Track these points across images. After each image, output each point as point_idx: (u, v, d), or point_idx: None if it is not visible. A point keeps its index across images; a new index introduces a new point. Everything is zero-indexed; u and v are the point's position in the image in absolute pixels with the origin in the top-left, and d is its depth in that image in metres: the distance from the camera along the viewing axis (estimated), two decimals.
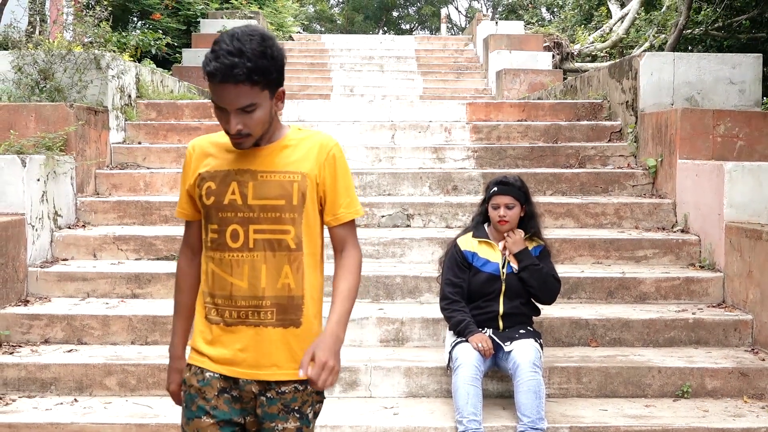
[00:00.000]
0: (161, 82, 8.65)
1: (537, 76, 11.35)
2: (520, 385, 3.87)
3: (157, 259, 5.61)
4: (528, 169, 6.73)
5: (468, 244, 4.27)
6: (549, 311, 4.75)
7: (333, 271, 2.42)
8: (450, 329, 4.23)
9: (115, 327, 4.85)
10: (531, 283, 4.15)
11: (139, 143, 7.18)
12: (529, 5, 22.37)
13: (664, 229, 5.95)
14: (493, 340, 4.08)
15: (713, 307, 5.10)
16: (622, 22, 14.23)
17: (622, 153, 6.89)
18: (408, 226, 6.09)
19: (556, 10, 21.31)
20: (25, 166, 5.35)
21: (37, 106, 6.07)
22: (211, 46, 2.19)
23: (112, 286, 5.25)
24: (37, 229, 5.45)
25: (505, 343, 4.07)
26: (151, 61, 9.93)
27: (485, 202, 4.30)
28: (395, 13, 39.67)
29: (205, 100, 8.28)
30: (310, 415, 2.37)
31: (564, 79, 11.23)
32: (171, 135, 7.29)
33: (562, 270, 5.13)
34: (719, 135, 5.98)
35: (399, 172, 6.60)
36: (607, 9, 15.91)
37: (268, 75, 2.19)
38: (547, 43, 13.38)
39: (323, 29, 34.16)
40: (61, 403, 4.32)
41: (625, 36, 14.01)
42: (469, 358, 3.96)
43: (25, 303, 5.11)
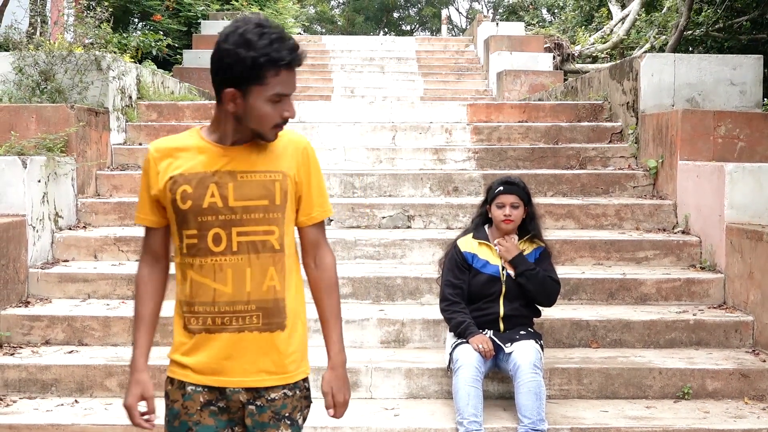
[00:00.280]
0: (162, 83, 8.65)
1: (538, 77, 11.35)
2: (520, 386, 3.87)
3: None
4: (529, 170, 6.72)
5: (468, 245, 4.26)
6: (550, 312, 4.75)
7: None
8: (450, 330, 4.23)
9: (116, 328, 4.85)
10: (528, 287, 4.15)
11: (140, 144, 7.18)
12: (530, 6, 22.37)
13: (664, 230, 5.95)
14: (493, 342, 4.08)
15: (714, 308, 5.10)
16: (623, 23, 14.22)
17: (623, 154, 6.89)
18: (409, 227, 6.09)
19: (556, 11, 21.30)
20: (25, 168, 5.35)
21: (38, 108, 6.07)
22: (241, 38, 2.10)
23: (113, 287, 5.25)
24: (37, 230, 5.45)
25: (506, 345, 4.07)
26: (151, 63, 9.93)
27: (486, 202, 4.29)
28: (396, 15, 39.67)
29: (206, 101, 8.28)
30: (300, 420, 2.33)
31: (565, 80, 11.23)
32: None
33: (562, 271, 5.14)
34: (720, 136, 5.98)
35: (400, 174, 6.60)
36: (608, 10, 15.90)
37: None
38: (547, 45, 13.37)
39: (324, 30, 34.17)
40: (62, 405, 4.32)
41: (625, 37, 14.00)
42: (469, 359, 3.96)
43: (26, 304, 5.12)
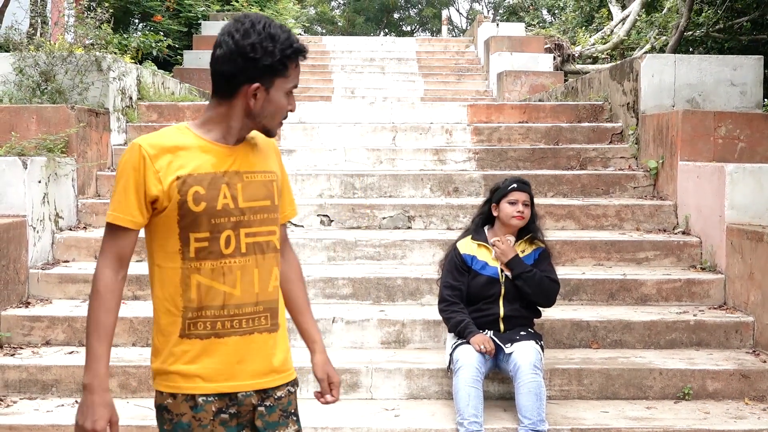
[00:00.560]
0: (162, 83, 8.65)
1: (538, 77, 11.34)
2: (520, 386, 3.87)
3: None
4: (529, 170, 6.72)
5: (467, 247, 4.27)
6: (550, 313, 4.75)
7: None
8: (449, 330, 4.23)
9: (117, 329, 4.81)
10: (525, 289, 4.15)
11: None
12: (530, 7, 22.38)
13: (665, 230, 5.95)
14: (494, 342, 4.08)
15: (714, 308, 5.09)
16: (623, 23, 14.22)
17: (623, 155, 6.89)
18: (409, 227, 6.09)
19: (557, 11, 21.31)
20: (26, 168, 5.35)
21: (39, 108, 6.08)
22: (265, 31, 2.08)
23: None
24: (38, 231, 5.45)
25: (506, 345, 4.07)
26: (152, 63, 9.94)
27: (491, 201, 4.29)
28: (396, 15, 39.69)
29: (207, 102, 8.27)
30: (299, 415, 2.34)
31: (565, 80, 11.22)
32: None
33: (563, 272, 5.14)
34: (720, 137, 5.98)
35: (400, 174, 6.60)
36: (608, 11, 15.90)
37: None
38: (548, 45, 13.36)
39: (324, 31, 34.18)
40: (62, 405, 4.32)
41: (626, 38, 14.00)
42: (470, 359, 3.96)
43: (27, 305, 5.12)
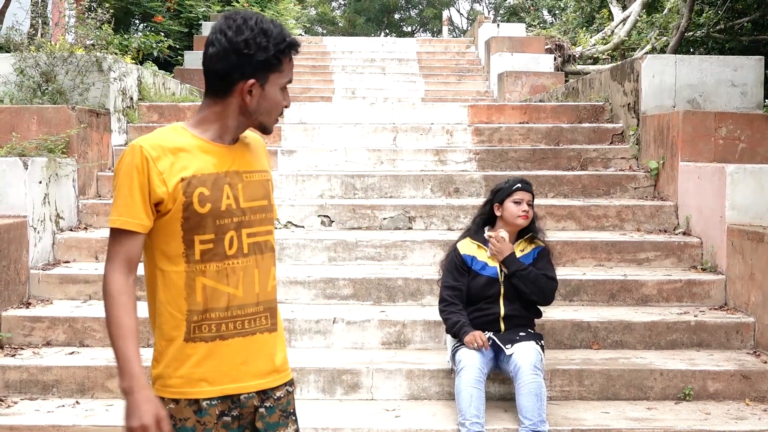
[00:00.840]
0: (163, 84, 8.65)
1: (539, 78, 11.34)
2: (521, 387, 3.87)
3: None
4: (530, 171, 6.72)
5: (467, 248, 4.28)
6: (550, 314, 4.74)
7: None
8: (447, 331, 4.25)
9: None
10: (522, 288, 4.15)
11: None
12: (531, 8, 22.37)
13: (665, 231, 5.94)
14: (494, 343, 4.08)
15: (715, 309, 5.09)
16: (624, 24, 14.22)
17: (624, 155, 6.89)
18: (410, 228, 6.09)
19: (557, 12, 21.31)
20: (27, 169, 5.36)
21: (39, 109, 6.08)
22: (258, 27, 2.08)
23: None
24: (38, 232, 5.45)
25: (506, 346, 4.07)
26: (152, 64, 9.94)
27: (494, 201, 4.29)
28: (397, 16, 39.68)
29: None
30: (297, 415, 2.35)
31: (566, 81, 11.22)
32: None
33: (563, 272, 5.14)
34: (721, 137, 5.98)
35: (401, 175, 6.60)
36: (609, 11, 15.90)
37: None
38: (548, 46, 13.36)
39: (325, 32, 34.19)
40: (63, 406, 4.32)
41: (626, 38, 13.99)
42: (472, 360, 3.96)
43: (27, 305, 5.12)
